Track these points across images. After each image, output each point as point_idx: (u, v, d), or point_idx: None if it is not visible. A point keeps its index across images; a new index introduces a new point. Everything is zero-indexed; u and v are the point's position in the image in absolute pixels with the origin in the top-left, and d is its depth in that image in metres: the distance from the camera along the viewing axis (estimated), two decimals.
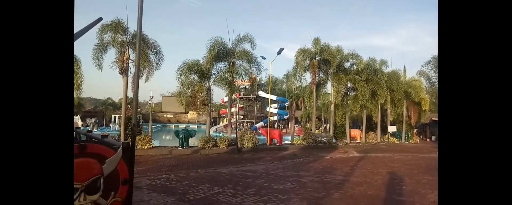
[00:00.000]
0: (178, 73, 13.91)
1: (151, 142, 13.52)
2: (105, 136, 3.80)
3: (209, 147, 13.83)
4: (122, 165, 3.02)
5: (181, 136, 13.85)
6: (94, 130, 30.73)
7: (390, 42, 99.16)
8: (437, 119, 26.96)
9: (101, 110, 46.97)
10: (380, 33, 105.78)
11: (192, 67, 14.23)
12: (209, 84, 14.99)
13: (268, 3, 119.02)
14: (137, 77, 3.32)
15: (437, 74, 38.11)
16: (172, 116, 57.31)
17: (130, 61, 13.99)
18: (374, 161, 10.81)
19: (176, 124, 51.90)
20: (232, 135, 15.24)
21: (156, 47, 14.38)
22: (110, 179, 2.90)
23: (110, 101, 47.81)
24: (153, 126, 46.67)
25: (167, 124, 52.36)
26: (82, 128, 33.50)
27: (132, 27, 14.08)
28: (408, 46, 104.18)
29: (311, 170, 8.62)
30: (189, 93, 14.30)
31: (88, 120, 36.76)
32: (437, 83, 38.01)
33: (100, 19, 4.86)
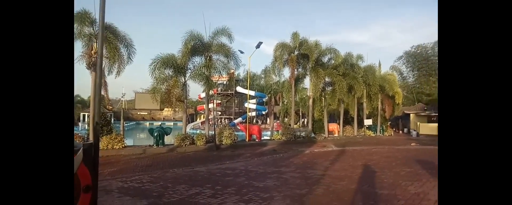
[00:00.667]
0: (152, 68, 13.19)
1: (123, 141, 12.79)
2: None
3: (186, 145, 13.33)
4: (83, 170, 2.60)
5: (155, 134, 13.23)
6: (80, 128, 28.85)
7: (366, 38, 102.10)
8: (408, 112, 28.16)
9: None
10: (356, 29, 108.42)
11: (166, 62, 13.57)
12: (185, 79, 14.40)
13: (246, 1, 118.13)
14: (99, 69, 2.90)
15: (408, 69, 39.91)
16: (146, 113, 55.44)
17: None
18: (353, 154, 10.91)
19: (150, 122, 50.32)
20: (210, 132, 14.81)
21: (127, 40, 13.54)
22: None
23: (78, 98, 45.23)
24: (126, 124, 44.90)
25: (141, 122, 50.65)
26: None
27: (107, 17, 13.14)
28: (382, 41, 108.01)
29: (292, 166, 8.47)
30: (163, 89, 13.63)
31: None
32: (408, 77, 39.79)
33: None
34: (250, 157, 10.99)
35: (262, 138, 16.97)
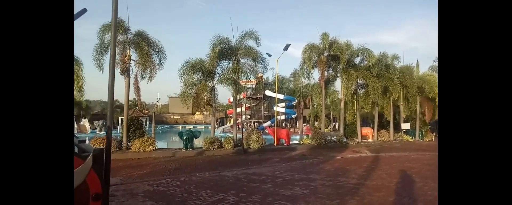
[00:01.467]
0: (181, 73, 13.42)
1: (154, 144, 13.08)
2: (82, 141, 3.29)
3: (214, 148, 13.30)
4: (93, 177, 2.48)
5: (184, 137, 13.37)
6: (101, 132, 30.70)
7: (399, 38, 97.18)
8: None
9: (102, 112, 47.21)
10: (388, 29, 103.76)
11: (195, 66, 13.73)
12: (213, 83, 14.46)
13: (274, 2, 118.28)
14: (112, 71, 2.78)
15: None
16: (179, 117, 57.33)
17: (131, 61, 13.60)
18: (389, 161, 10.08)
19: (183, 125, 51.84)
20: (238, 136, 14.69)
21: (158, 46, 13.93)
22: (76, 194, 2.35)
23: (117, 103, 48.01)
24: (160, 128, 46.52)
25: (174, 125, 52.36)
26: (90, 131, 33.44)
27: (133, 27, 13.70)
28: (417, 42, 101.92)
29: (322, 173, 7.98)
30: (192, 93, 13.79)
31: (95, 123, 36.86)
32: None
33: (84, 10, 4.41)
34: (278, 162, 10.63)
35: (291, 143, 16.49)
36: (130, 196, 5.84)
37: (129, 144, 13.23)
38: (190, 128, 15.62)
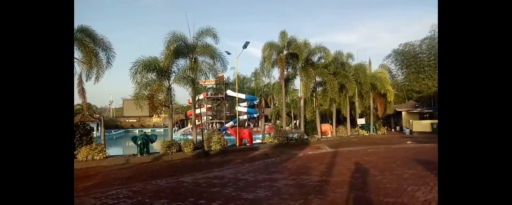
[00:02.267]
0: (132, 72, 12.38)
1: (104, 151, 11.89)
2: None
3: (172, 152, 12.52)
4: None
5: (139, 142, 12.38)
6: None
7: (352, 39, 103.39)
8: (400, 110, 28.00)
9: None
10: (342, 30, 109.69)
11: (148, 65, 12.78)
12: (169, 83, 13.63)
13: (233, 3, 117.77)
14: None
15: (397, 67, 40.04)
16: (135, 120, 54.11)
17: (75, 60, 12.21)
18: (348, 156, 10.35)
19: (140, 129, 48.95)
20: (198, 138, 14.05)
21: (105, 43, 12.69)
22: None
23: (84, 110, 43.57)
24: (114, 133, 43.31)
25: (130, 129, 49.27)
26: None
27: (78, 20, 12.34)
28: (368, 42, 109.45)
29: (285, 172, 7.83)
30: (147, 94, 12.81)
31: None
32: (397, 75, 39.90)
33: None
34: (240, 163, 10.30)
35: (253, 142, 16.30)
36: None
37: (75, 152, 11.84)
38: (145, 132, 14.57)
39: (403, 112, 27.41)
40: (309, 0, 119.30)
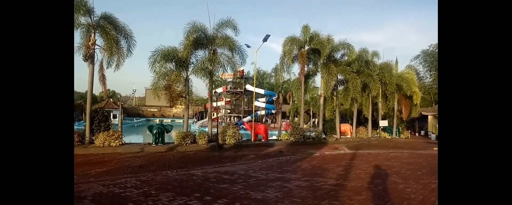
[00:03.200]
0: (151, 61, 12.35)
1: (121, 138, 12.02)
2: None
3: (186, 143, 12.46)
4: None
5: (154, 131, 12.41)
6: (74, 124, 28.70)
7: (378, 38, 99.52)
8: (426, 114, 26.48)
9: (80, 104, 44.48)
10: (368, 29, 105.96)
11: (167, 55, 12.72)
12: (187, 74, 13.51)
13: (257, 0, 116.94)
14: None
15: (425, 69, 37.96)
16: (156, 110, 55.33)
17: (96, 46, 12.37)
18: (368, 159, 9.74)
19: (160, 119, 50.03)
20: (213, 130, 13.90)
21: (127, 31, 12.76)
22: None
23: (81, 93, 45.32)
24: (136, 121, 44.53)
25: (151, 118, 50.46)
26: None
27: (99, 8, 12.48)
28: (395, 42, 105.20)
29: (299, 172, 7.42)
30: (164, 84, 12.78)
31: None
32: (425, 77, 37.82)
33: None
34: (253, 159, 10.00)
35: (268, 138, 15.95)
36: (76, 199, 4.95)
37: (93, 138, 12.08)
38: (161, 121, 14.61)
39: (429, 116, 25.88)
40: (334, 1, 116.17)
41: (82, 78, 14.42)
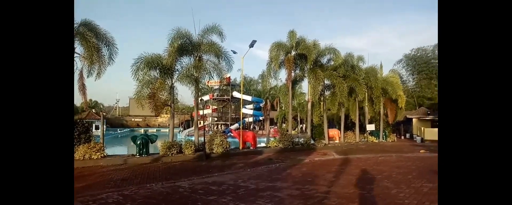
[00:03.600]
0: (134, 69, 11.94)
1: (103, 150, 11.45)
2: None
3: (172, 154, 12.02)
4: None
5: (138, 142, 11.90)
6: None
7: (362, 44, 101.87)
8: (410, 117, 27.01)
9: None
10: (352, 35, 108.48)
11: (151, 62, 12.34)
12: (172, 81, 13.16)
13: (243, 7, 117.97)
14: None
15: (408, 73, 38.99)
16: (141, 120, 54.06)
17: (76, 54, 11.86)
18: (358, 164, 9.66)
19: (145, 129, 48.83)
20: (200, 139, 13.53)
21: (108, 39, 12.33)
22: None
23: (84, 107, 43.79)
24: (119, 131, 43.21)
25: (136, 128, 49.21)
26: None
27: (79, 14, 12.01)
28: (378, 48, 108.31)
29: (289, 179, 7.21)
30: (148, 92, 12.37)
31: None
32: (408, 81, 38.82)
33: None
34: (242, 167, 9.72)
35: (257, 146, 15.69)
36: None
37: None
38: (146, 131, 14.13)
39: (414, 119, 26.41)
40: (319, 4, 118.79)
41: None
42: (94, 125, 36.78)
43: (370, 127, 20.35)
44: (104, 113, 53.14)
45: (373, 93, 19.53)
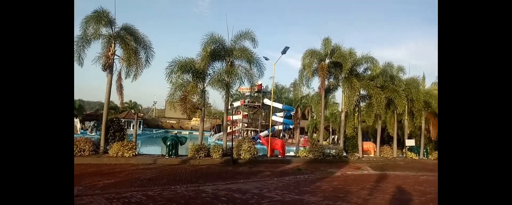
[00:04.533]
0: (168, 72, 12.24)
1: (135, 149, 11.78)
2: None
3: (200, 157, 12.02)
4: None
5: (168, 143, 12.09)
6: (92, 133, 29.34)
7: (400, 55, 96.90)
8: None
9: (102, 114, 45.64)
10: (390, 46, 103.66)
11: (184, 66, 12.56)
12: (203, 85, 13.28)
13: (277, 16, 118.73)
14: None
15: None
16: (175, 122, 55.93)
17: (116, 56, 12.47)
18: (396, 182, 8.80)
19: (179, 130, 50.43)
20: (228, 144, 13.42)
21: (146, 42, 12.82)
22: None
23: (112, 104, 46.69)
24: (155, 132, 45.06)
25: (170, 130, 50.93)
26: (81, 131, 32.05)
27: (120, 19, 12.69)
28: (418, 60, 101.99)
29: (318, 193, 6.70)
30: (180, 95, 12.57)
31: (86, 124, 35.65)
32: None
33: None
34: (269, 176, 9.34)
35: (286, 154, 15.20)
36: None
37: (107, 148, 11.94)
38: (176, 133, 14.36)
39: None
40: (355, 15, 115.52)
41: (101, 87, 14.55)
42: (132, 124, 38.86)
43: (410, 143, 18.81)
44: (141, 114, 55.83)
45: (414, 106, 18.06)
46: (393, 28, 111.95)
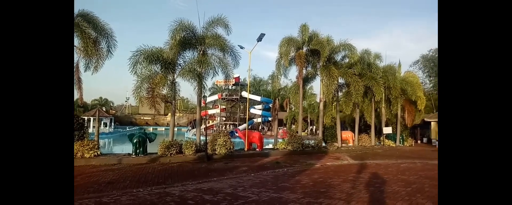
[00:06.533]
0: (132, 62, 11.07)
1: (97, 148, 10.62)
2: None
3: (171, 154, 11.09)
4: None
5: (135, 140, 11.03)
6: None
7: (375, 46, 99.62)
8: (429, 120, 25.28)
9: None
10: (365, 37, 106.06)
11: (151, 55, 11.43)
12: (173, 76, 12.24)
13: (254, 11, 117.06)
14: None
15: (425, 74, 37.03)
16: (149, 118, 53.79)
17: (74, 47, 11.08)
18: (378, 171, 8.43)
19: (154, 127, 48.49)
20: (202, 139, 12.55)
21: (107, 31, 11.51)
22: None
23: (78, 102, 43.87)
24: (128, 129, 43.02)
25: (145, 126, 48.91)
26: None
27: (78, 4, 11.26)
28: (392, 51, 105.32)
29: (298, 189, 6.09)
30: (147, 88, 11.47)
31: None
32: (424, 83, 36.82)
33: None
34: (245, 172, 8.65)
35: (264, 147, 14.60)
36: None
37: None
38: (144, 130, 13.25)
39: (432, 123, 24.67)
40: (331, 8, 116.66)
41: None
42: (102, 122, 36.64)
43: (387, 130, 18.93)
44: (113, 111, 53.04)
45: (391, 94, 18.09)
46: (370, 20, 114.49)
